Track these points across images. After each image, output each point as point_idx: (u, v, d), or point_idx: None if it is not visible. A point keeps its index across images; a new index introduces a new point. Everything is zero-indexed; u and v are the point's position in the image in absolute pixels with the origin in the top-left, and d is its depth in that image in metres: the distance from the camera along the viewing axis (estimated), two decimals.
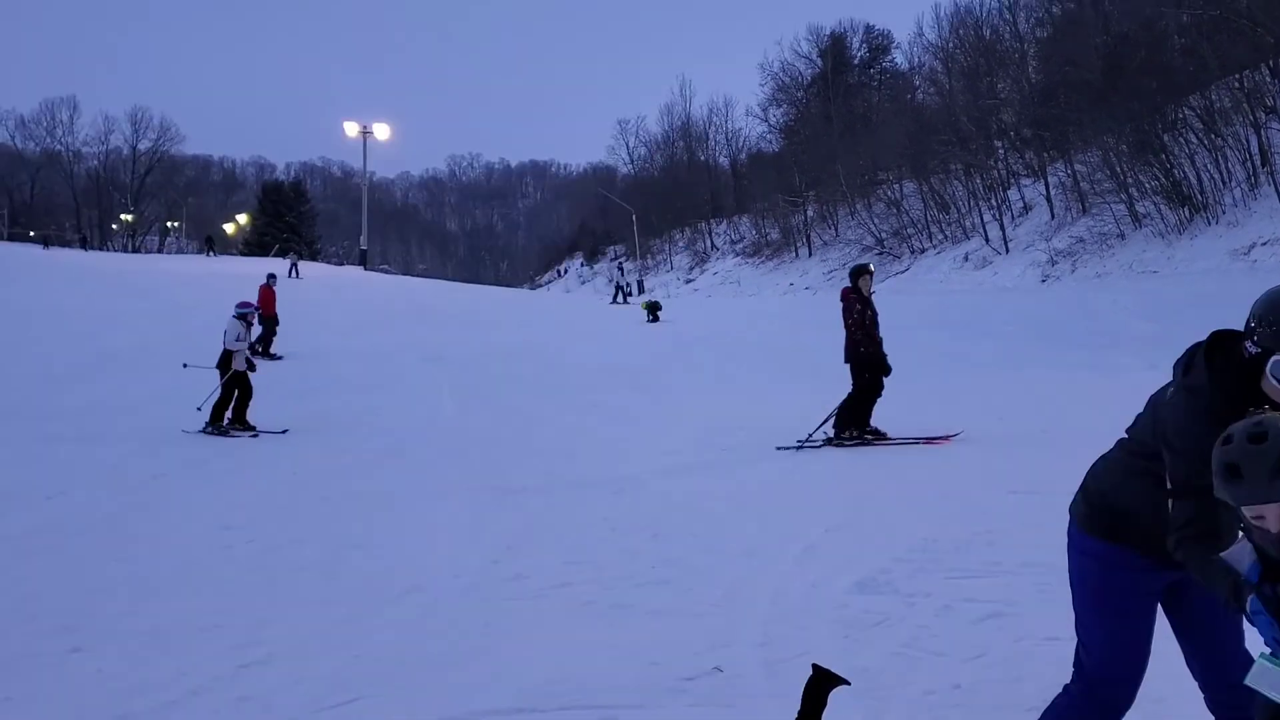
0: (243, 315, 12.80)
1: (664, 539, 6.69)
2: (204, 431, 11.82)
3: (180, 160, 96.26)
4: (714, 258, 66.02)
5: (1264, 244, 26.56)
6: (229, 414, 12.09)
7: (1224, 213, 30.12)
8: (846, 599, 5.26)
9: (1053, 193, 39.57)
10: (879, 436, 10.49)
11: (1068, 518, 3.01)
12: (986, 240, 40.68)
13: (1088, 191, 36.63)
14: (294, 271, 38.34)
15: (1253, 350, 2.35)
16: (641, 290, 56.64)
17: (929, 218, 46.21)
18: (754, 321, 24.96)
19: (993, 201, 42.05)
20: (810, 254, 55.02)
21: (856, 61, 70.76)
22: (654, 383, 15.96)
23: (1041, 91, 44.19)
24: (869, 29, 70.96)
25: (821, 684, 1.99)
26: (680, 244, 70.79)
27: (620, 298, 38.02)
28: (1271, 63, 33.05)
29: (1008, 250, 38.81)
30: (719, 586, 5.55)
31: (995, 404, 12.79)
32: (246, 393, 12.25)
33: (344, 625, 5.13)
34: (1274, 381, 2.31)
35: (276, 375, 15.86)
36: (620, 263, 40.00)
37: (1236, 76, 32.26)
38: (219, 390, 12.20)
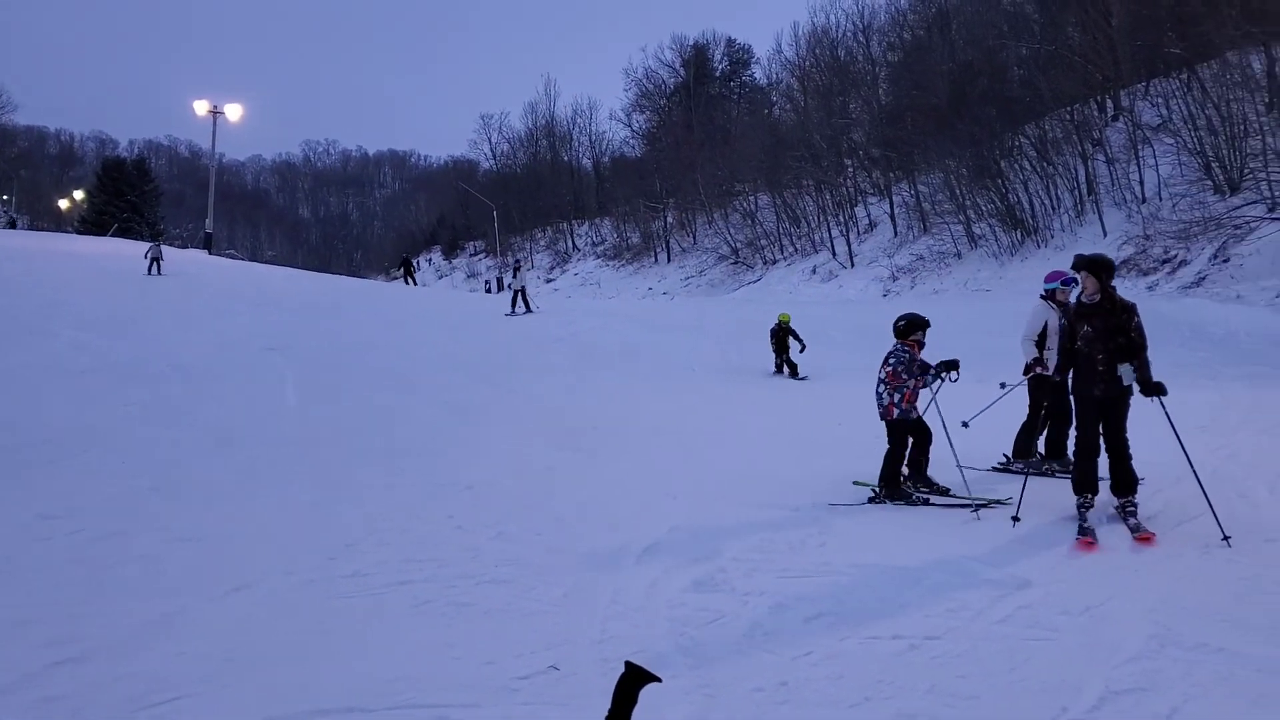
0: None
1: (508, 538, 6.69)
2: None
3: (12, 130, 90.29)
4: (575, 258, 66.15)
5: None
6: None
7: (1052, 237, 31.99)
8: (684, 597, 5.39)
9: (896, 211, 41.24)
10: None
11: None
12: (834, 254, 42.05)
13: (929, 212, 38.34)
14: (155, 267, 30.25)
15: None
16: (501, 287, 55.91)
17: (781, 230, 47.43)
18: (610, 323, 25.09)
19: (841, 217, 43.49)
20: (669, 260, 55.74)
21: (718, 73, 72.12)
22: (510, 381, 15.87)
23: (890, 113, 45.99)
24: (731, 42, 72.58)
25: (633, 681, 2.02)
26: (542, 243, 70.66)
27: (496, 289, 33.80)
28: (1099, 98, 35.39)
29: (853, 265, 40.21)
30: (559, 586, 5.60)
31: (835, 412, 13.24)
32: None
33: (168, 621, 4.95)
34: None
35: (108, 360, 15.07)
36: (518, 260, 36.46)
37: (1068, 109, 34.36)
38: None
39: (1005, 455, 8.85)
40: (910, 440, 8.10)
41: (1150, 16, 32.49)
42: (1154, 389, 6.64)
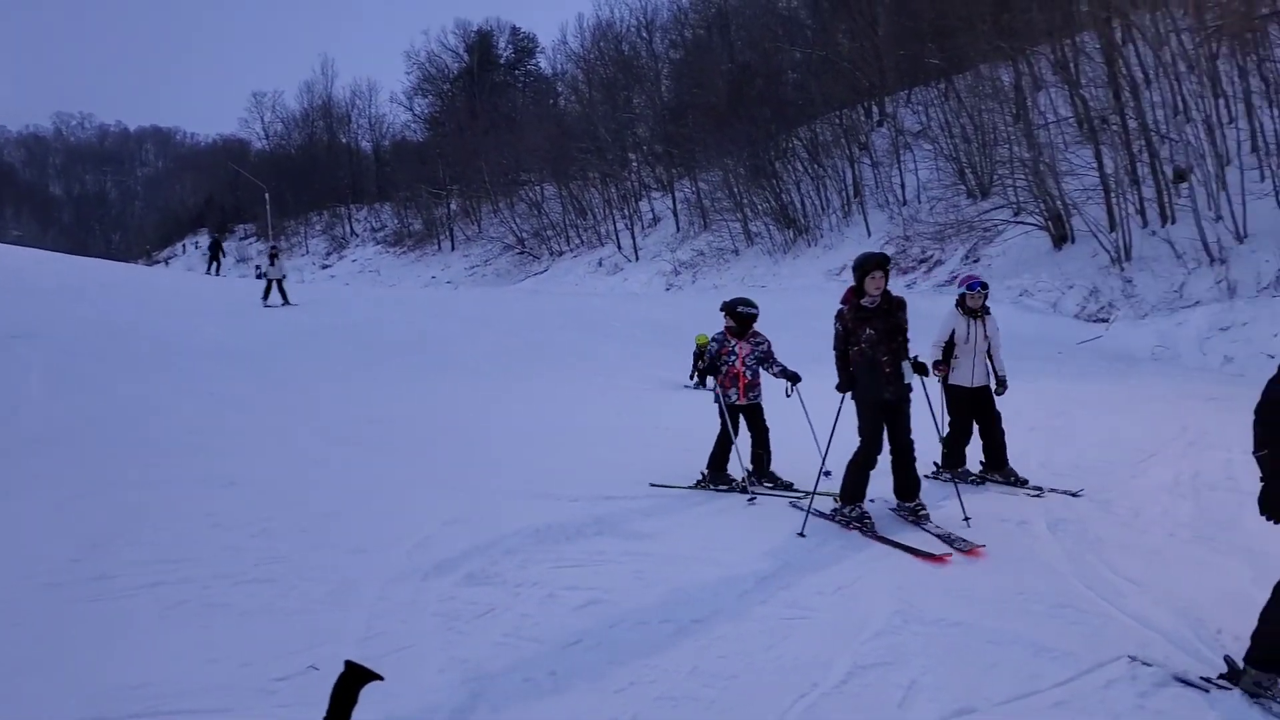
0: None
1: (271, 535, 6.41)
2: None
3: None
4: (354, 244, 63.98)
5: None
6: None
7: (822, 236, 33.67)
8: (455, 591, 5.35)
9: (679, 207, 42.25)
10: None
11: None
12: (619, 247, 42.65)
13: (709, 208, 39.48)
14: None
15: None
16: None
17: (568, 222, 47.66)
18: (391, 312, 24.46)
19: (626, 211, 44.15)
20: (453, 248, 54.86)
21: (503, 61, 71.45)
22: (281, 372, 15.20)
23: (673, 110, 46.99)
24: (515, 30, 72.00)
25: (352, 681, 1.96)
26: (318, 227, 67.90)
27: (258, 275, 31.84)
28: (866, 104, 37.52)
29: (638, 258, 40.90)
30: (325, 583, 5.42)
31: (615, 403, 13.47)
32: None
33: None
34: None
35: None
36: (274, 246, 32.90)
37: (837, 114, 36.22)
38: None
39: (935, 463, 8.47)
40: (735, 425, 8.22)
41: (913, 28, 34.58)
42: (924, 369, 6.96)
